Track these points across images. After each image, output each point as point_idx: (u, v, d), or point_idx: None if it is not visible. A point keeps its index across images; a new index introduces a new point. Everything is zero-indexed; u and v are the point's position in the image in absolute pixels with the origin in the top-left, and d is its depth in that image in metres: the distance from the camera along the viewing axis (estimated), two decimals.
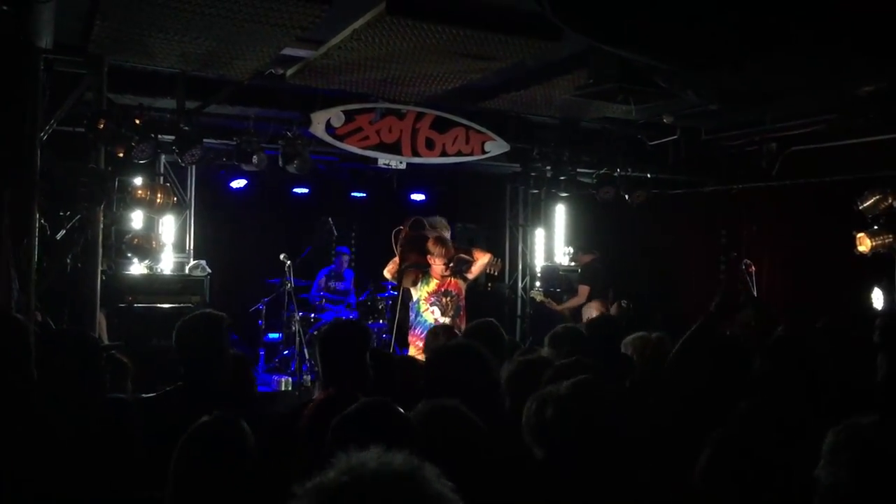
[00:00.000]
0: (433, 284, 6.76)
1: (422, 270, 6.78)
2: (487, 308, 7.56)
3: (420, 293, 6.78)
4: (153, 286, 7.03)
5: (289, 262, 8.88)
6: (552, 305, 9.48)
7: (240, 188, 8.99)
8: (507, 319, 9.98)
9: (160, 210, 7.29)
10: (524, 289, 10.45)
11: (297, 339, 8.74)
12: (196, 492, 2.30)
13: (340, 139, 7.75)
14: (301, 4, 4.99)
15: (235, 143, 7.53)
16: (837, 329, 4.27)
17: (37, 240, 5.87)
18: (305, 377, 8.60)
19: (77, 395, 2.95)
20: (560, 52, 6.17)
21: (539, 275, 10.65)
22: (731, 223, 9.71)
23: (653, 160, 9.43)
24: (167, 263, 7.85)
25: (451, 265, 6.79)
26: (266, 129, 7.72)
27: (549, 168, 9.11)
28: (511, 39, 5.63)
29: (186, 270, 7.95)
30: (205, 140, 7.24)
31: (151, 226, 7.57)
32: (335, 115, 7.70)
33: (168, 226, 8.03)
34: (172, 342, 3.46)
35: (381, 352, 4.37)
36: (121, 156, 6.70)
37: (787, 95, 6.40)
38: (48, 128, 6.17)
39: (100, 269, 6.59)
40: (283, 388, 8.45)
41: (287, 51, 6.23)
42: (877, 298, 7.55)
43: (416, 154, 8.15)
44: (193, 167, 8.30)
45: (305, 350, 8.69)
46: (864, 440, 1.82)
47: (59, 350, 3.12)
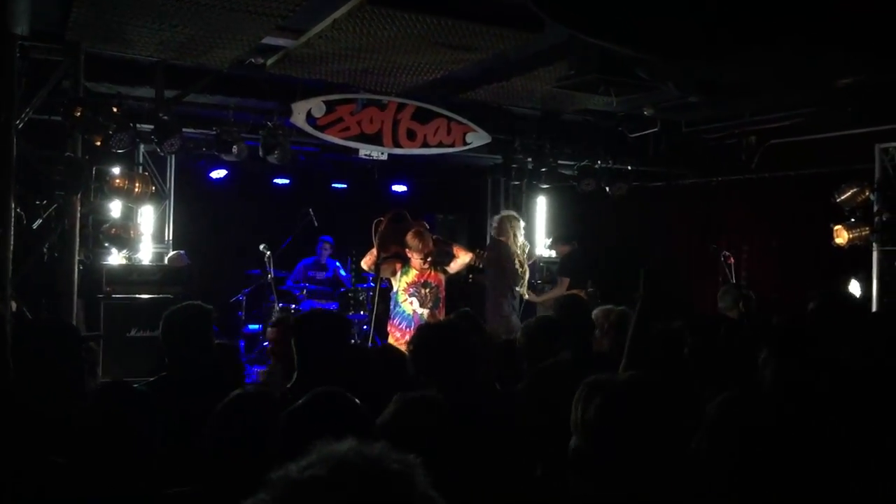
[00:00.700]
0: (412, 275, 6.76)
1: (401, 261, 6.77)
2: (468, 300, 7.57)
3: (399, 284, 6.78)
4: (131, 276, 6.97)
5: (269, 253, 8.85)
6: (532, 297, 9.49)
7: (220, 178, 8.93)
8: None
9: (139, 200, 7.22)
10: None
11: None
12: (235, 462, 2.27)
13: (321, 129, 7.72)
14: None
15: (215, 133, 7.47)
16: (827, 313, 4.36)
17: (13, 229, 5.82)
18: None
19: (60, 385, 2.95)
20: (541, 44, 6.18)
21: None
22: (711, 215, 9.77)
23: (633, 153, 9.49)
24: (146, 254, 7.79)
25: (430, 259, 6.78)
26: (246, 119, 7.68)
27: (531, 160, 9.14)
28: (492, 30, 5.63)
29: (165, 261, 7.89)
30: (184, 129, 7.18)
31: (130, 215, 7.50)
32: (316, 106, 7.66)
33: (147, 216, 7.95)
34: (159, 332, 3.48)
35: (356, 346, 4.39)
36: (98, 144, 6.63)
37: (766, 88, 6.44)
38: (24, 116, 6.11)
39: (77, 259, 6.54)
40: (263, 379, 8.42)
41: (267, 40, 6.20)
42: (854, 289, 7.64)
43: (398, 145, 8.13)
44: (173, 157, 8.23)
45: None
46: (741, 412, 1.92)
47: (42, 339, 3.11)
